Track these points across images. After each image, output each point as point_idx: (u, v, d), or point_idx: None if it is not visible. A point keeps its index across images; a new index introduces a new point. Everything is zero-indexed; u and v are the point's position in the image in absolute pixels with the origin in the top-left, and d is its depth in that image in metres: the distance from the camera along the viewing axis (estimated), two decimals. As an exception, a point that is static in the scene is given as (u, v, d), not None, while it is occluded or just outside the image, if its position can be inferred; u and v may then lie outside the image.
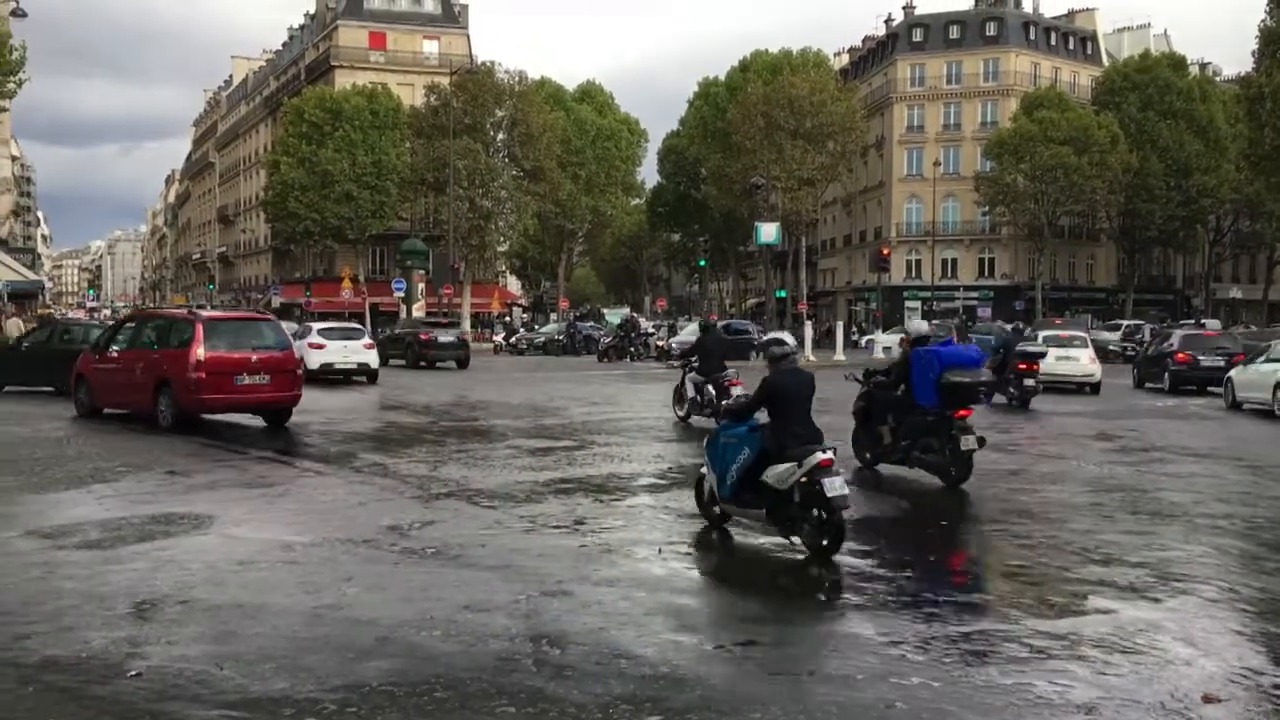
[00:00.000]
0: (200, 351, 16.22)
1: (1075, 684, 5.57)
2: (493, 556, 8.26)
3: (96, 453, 14.05)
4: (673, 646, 6.05)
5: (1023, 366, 22.87)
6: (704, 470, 9.51)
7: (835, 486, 8.22)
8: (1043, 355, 24.32)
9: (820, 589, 7.64)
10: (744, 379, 17.38)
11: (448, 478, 12.12)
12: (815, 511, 8.34)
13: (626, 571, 7.90)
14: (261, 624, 6.39)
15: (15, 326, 43.87)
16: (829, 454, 8.39)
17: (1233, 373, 23.92)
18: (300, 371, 18.01)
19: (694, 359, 18.63)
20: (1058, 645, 6.25)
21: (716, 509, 9.36)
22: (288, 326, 35.43)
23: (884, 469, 12.80)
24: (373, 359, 28.32)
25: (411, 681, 5.42)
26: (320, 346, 27.83)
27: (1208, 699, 5.38)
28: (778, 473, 8.49)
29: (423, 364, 35.39)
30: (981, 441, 12.10)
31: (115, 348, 18.10)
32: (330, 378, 27.40)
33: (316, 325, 31.76)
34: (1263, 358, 22.90)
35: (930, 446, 12.16)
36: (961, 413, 12.09)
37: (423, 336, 36.31)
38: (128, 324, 19.38)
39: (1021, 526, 9.80)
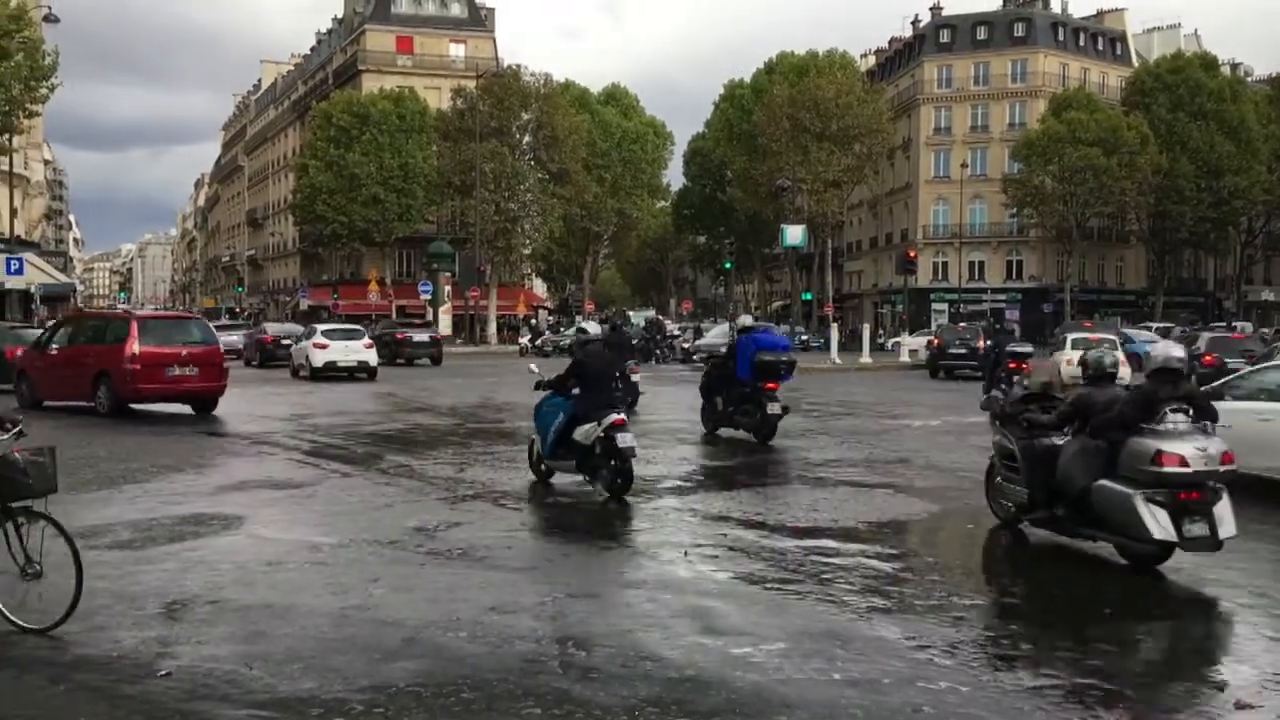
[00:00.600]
0: (135, 346, 18.08)
1: (1106, 688, 5.51)
2: (519, 558, 8.28)
3: (127, 453, 14.18)
4: (699, 649, 6.04)
5: (1013, 366, 24.19)
6: (534, 436, 11.70)
7: (626, 440, 10.63)
8: (1030, 355, 25.25)
9: (850, 592, 7.60)
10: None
11: (474, 479, 12.15)
12: (611, 461, 10.69)
13: (652, 574, 7.90)
14: (290, 624, 6.43)
15: None
16: (621, 415, 10.80)
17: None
18: (226, 365, 20.02)
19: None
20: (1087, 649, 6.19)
21: (542, 466, 11.60)
22: (293, 328, 38.03)
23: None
24: (372, 357, 30.60)
25: (438, 682, 5.43)
26: (324, 346, 30.16)
27: (1240, 705, 5.32)
28: (583, 431, 10.83)
29: (400, 360, 37.97)
30: (786, 409, 15.73)
31: (55, 345, 19.86)
32: (334, 374, 29.65)
33: (320, 327, 33.72)
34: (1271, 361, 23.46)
35: (747, 412, 15.80)
36: (770, 385, 15.59)
37: (399, 336, 39.76)
38: (64, 326, 21.33)
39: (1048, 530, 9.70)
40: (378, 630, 6.31)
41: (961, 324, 45.73)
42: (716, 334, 45.59)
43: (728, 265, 69.68)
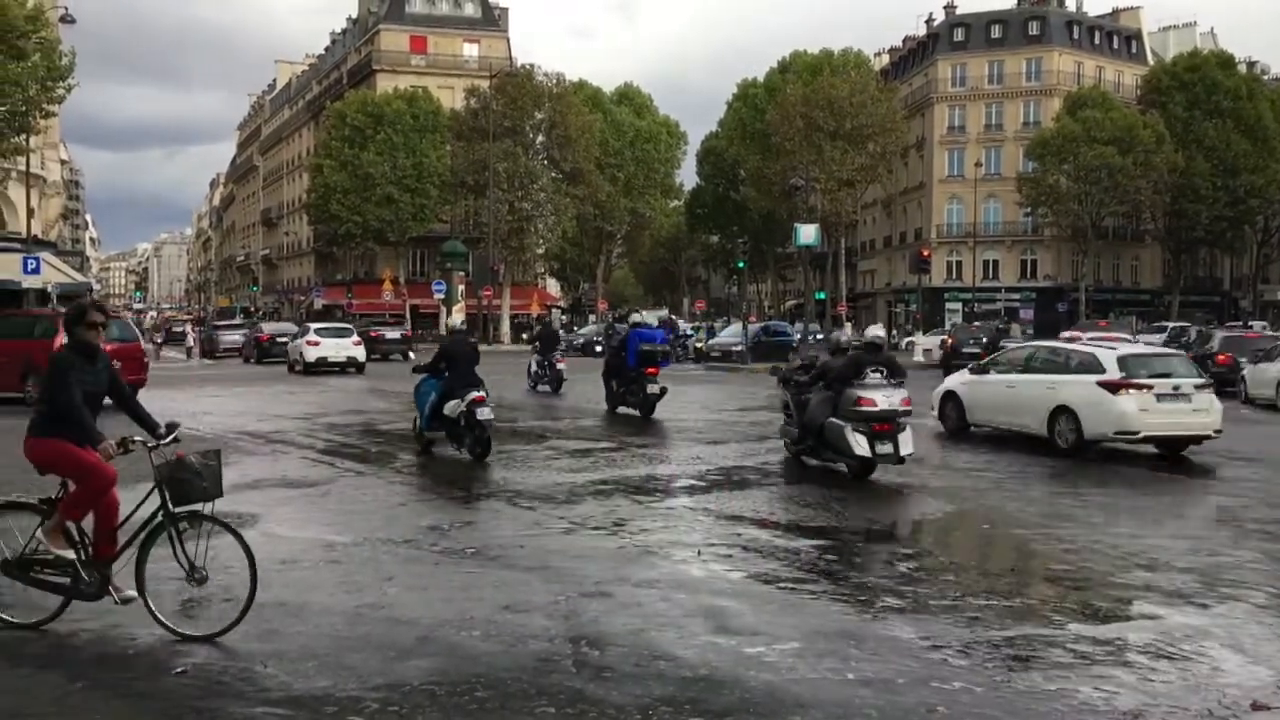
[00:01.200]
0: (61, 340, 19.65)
1: (1121, 690, 5.50)
2: (532, 557, 8.28)
3: (141, 452, 14.23)
4: (712, 648, 6.04)
5: None
6: (414, 415, 14.54)
7: (484, 414, 13.16)
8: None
9: (864, 592, 7.59)
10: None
11: (487, 478, 12.18)
12: (474, 431, 13.21)
13: (666, 573, 7.90)
14: (304, 622, 6.45)
15: None
16: (481, 393, 13.26)
17: (1245, 370, 25.20)
18: (147, 360, 22.63)
19: (537, 344, 25.82)
20: (1102, 651, 6.17)
21: (424, 438, 14.12)
22: (288, 327, 42.02)
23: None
24: (360, 353, 34.29)
25: (452, 681, 5.44)
26: (316, 344, 33.84)
27: (1257, 706, 5.29)
28: (450, 406, 13.35)
29: (375, 356, 40.13)
30: (663, 390, 19.50)
31: None
32: (326, 368, 33.33)
33: (313, 326, 37.79)
34: (1274, 357, 24.43)
35: (634, 392, 19.52)
36: (650, 370, 19.41)
37: (373, 334, 43.04)
38: None
39: (1065, 530, 9.68)
40: (392, 628, 6.33)
41: (975, 323, 45.60)
42: (729, 333, 45.60)
43: (741, 264, 69.54)
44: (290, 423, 18.35)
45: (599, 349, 48.29)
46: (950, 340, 37.53)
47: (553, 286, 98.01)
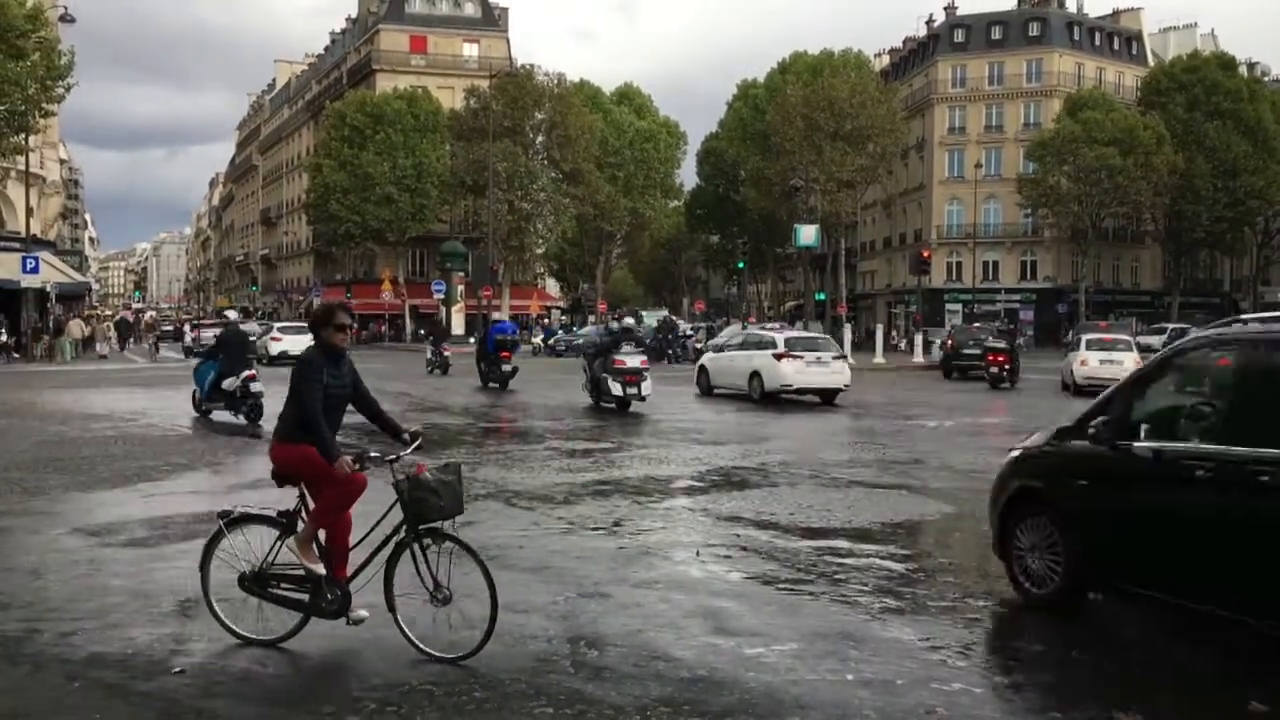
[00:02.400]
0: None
1: (1120, 692, 5.48)
2: (531, 558, 8.28)
3: (142, 452, 14.25)
4: (711, 649, 6.03)
5: (990, 359, 29.78)
6: (194, 389, 18.76)
7: (257, 387, 17.62)
8: (1004, 349, 30.05)
9: (863, 593, 7.58)
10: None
11: (486, 479, 12.17)
12: (249, 400, 17.62)
13: (664, 573, 7.89)
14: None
15: (78, 328, 44.83)
16: (253, 372, 17.85)
17: None
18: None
19: (431, 336, 33.70)
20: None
21: (203, 407, 18.49)
22: (253, 327, 44.26)
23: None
24: None
25: (450, 681, 5.44)
26: (279, 339, 40.17)
27: (1255, 713, 5.28)
28: (229, 382, 17.68)
29: None
30: (515, 370, 26.67)
31: None
32: (287, 361, 36.16)
33: (277, 325, 45.81)
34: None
35: (493, 371, 26.43)
36: (504, 354, 26.29)
37: None
38: None
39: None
40: (390, 628, 6.32)
41: (975, 324, 45.58)
42: (729, 334, 45.57)
43: (741, 265, 69.63)
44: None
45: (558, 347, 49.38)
46: (950, 341, 37.63)
47: (552, 287, 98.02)
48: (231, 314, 22.73)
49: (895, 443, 16.47)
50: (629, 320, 23.84)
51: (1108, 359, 27.42)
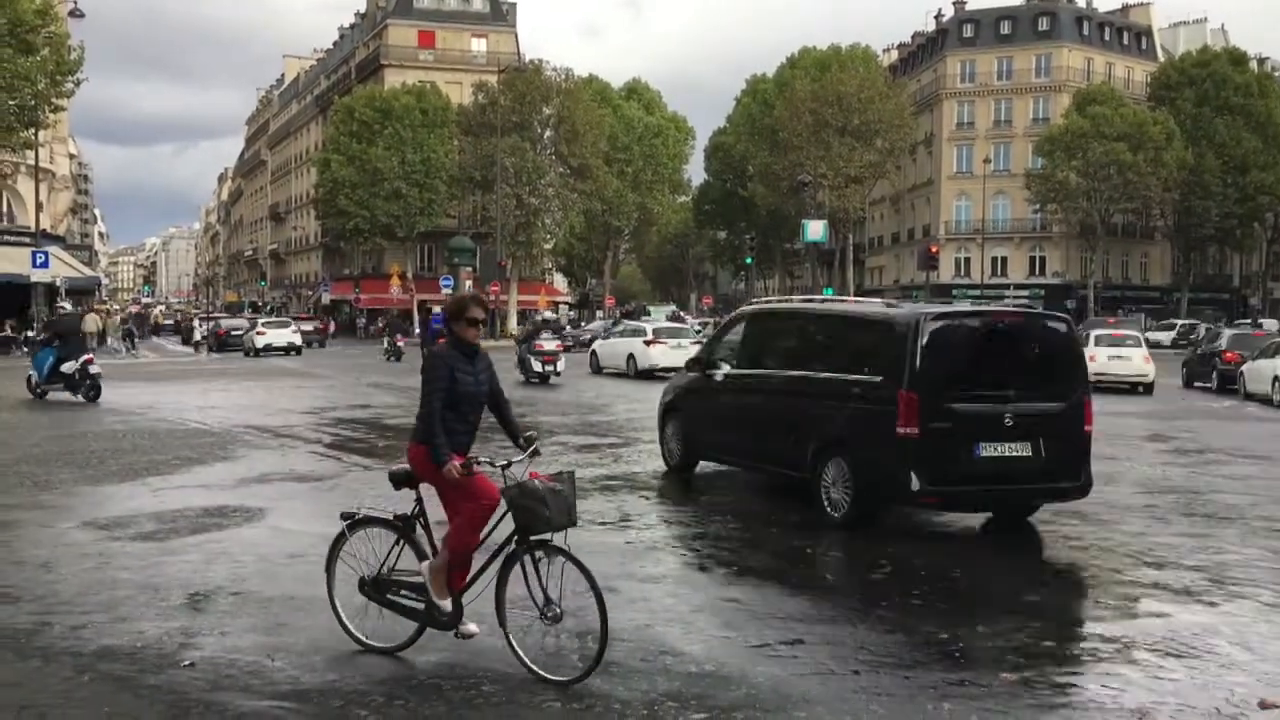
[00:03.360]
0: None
1: (1128, 687, 5.48)
2: (539, 552, 8.27)
3: (151, 446, 14.29)
4: (718, 644, 6.04)
5: None
6: (31, 372, 21.30)
7: (94, 369, 20.49)
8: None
9: (870, 587, 7.57)
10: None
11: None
12: (87, 381, 20.34)
13: (672, 569, 7.89)
14: (312, 616, 6.45)
15: (94, 322, 45.13)
16: (90, 355, 21.02)
17: (1244, 367, 25.45)
18: None
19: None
20: (1110, 648, 6.16)
21: (38, 390, 20.79)
22: (241, 323, 51.75)
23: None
24: (297, 339, 44.17)
25: (458, 675, 5.45)
26: (263, 333, 43.84)
27: (1265, 705, 5.27)
28: (68, 366, 20.34)
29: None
30: None
31: None
32: (271, 352, 42.80)
33: (261, 320, 49.94)
34: (1270, 354, 24.63)
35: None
36: (440, 340, 27.29)
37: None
38: None
39: (1072, 528, 9.65)
40: (398, 622, 6.33)
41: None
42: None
43: (748, 260, 69.62)
44: (298, 417, 18.39)
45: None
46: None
47: (560, 282, 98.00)
48: (66, 305, 28.28)
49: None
50: (550, 314, 28.34)
51: (1116, 355, 27.28)
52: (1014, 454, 8.77)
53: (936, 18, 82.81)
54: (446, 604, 5.57)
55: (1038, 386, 8.96)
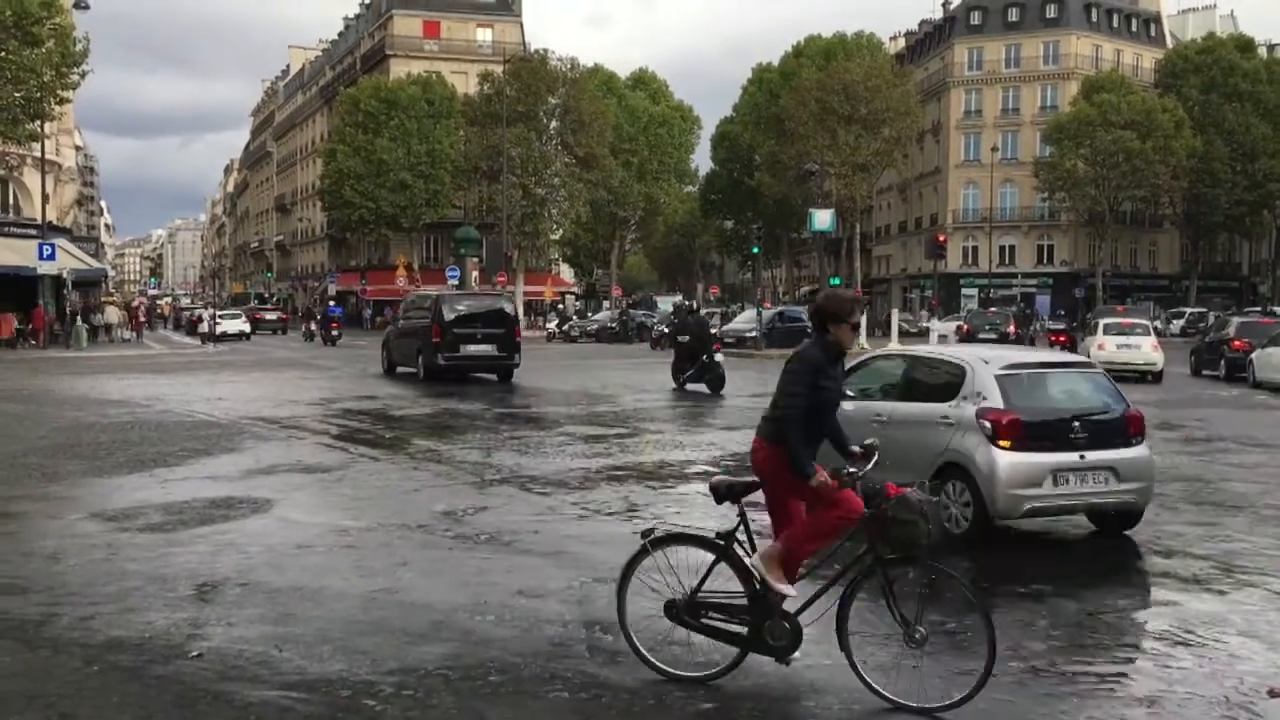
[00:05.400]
0: None
1: (1137, 676, 5.47)
2: (546, 543, 8.29)
3: (158, 437, 14.31)
4: (726, 634, 6.01)
5: (1051, 338, 32.22)
6: None
7: None
8: (1066, 331, 32.58)
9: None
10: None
11: (501, 464, 12.19)
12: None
13: (679, 559, 7.87)
14: (319, 607, 6.47)
15: (115, 313, 45.45)
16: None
17: (1253, 355, 25.31)
18: None
19: None
20: (1119, 637, 6.14)
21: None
22: (208, 313, 54.57)
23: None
24: (247, 327, 52.93)
25: (466, 665, 5.45)
26: (219, 322, 49.88)
27: (1274, 693, 5.26)
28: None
29: (261, 329, 58.81)
30: (341, 336, 43.10)
31: None
32: (226, 339, 48.66)
33: (219, 311, 55.91)
34: None
35: (326, 335, 41.78)
36: (334, 325, 42.75)
37: (255, 316, 61.12)
38: None
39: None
40: (406, 613, 6.34)
41: (991, 309, 45.36)
42: (744, 319, 45.53)
43: (755, 250, 69.24)
44: (304, 408, 18.41)
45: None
46: (966, 326, 37.49)
47: (566, 272, 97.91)
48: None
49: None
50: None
51: (1125, 343, 27.23)
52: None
53: (944, 5, 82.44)
54: (788, 588, 5.15)
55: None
